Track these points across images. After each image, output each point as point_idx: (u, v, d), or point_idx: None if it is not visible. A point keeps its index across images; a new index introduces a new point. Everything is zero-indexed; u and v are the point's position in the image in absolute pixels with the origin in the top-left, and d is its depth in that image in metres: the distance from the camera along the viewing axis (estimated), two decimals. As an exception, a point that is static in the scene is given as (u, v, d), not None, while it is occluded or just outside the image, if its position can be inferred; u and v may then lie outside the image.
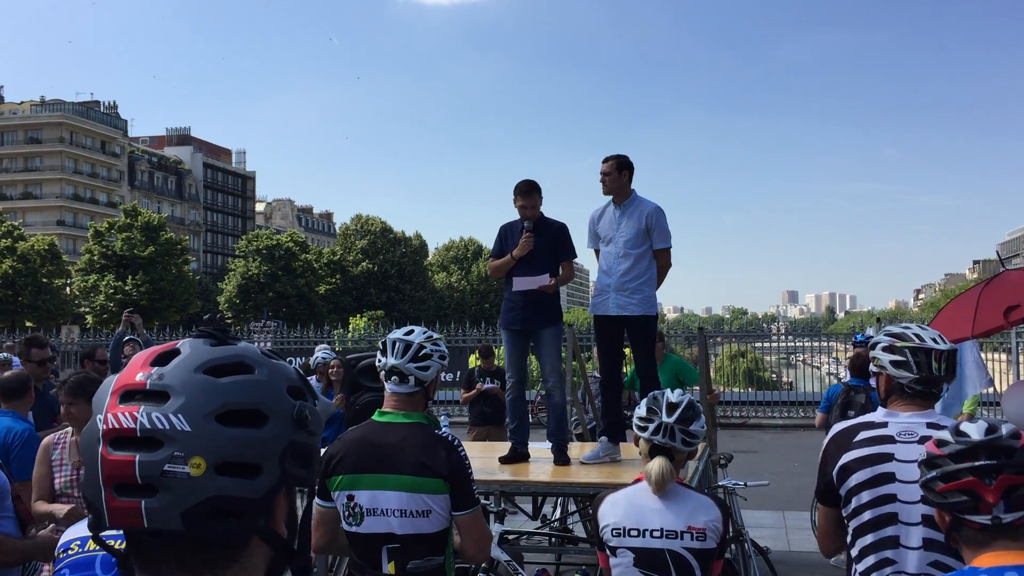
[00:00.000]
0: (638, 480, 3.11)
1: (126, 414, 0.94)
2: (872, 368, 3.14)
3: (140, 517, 0.91)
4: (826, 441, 3.13)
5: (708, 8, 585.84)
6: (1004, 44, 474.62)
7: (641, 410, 3.13)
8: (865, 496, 2.91)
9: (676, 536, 2.94)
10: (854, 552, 2.98)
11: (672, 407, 3.07)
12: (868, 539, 2.91)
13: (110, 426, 0.94)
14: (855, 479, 2.93)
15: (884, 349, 3.04)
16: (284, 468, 0.97)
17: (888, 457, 2.90)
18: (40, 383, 6.47)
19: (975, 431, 2.06)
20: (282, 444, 0.97)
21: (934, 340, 2.97)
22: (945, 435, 2.12)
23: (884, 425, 2.97)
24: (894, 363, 2.99)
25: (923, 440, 2.87)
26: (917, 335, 3.00)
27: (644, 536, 2.96)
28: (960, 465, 2.03)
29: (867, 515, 2.91)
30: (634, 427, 3.16)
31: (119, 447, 0.93)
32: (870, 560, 2.92)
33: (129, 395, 0.95)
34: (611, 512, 3.05)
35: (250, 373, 0.99)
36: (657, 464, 2.99)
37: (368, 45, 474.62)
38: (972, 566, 1.99)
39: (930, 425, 2.91)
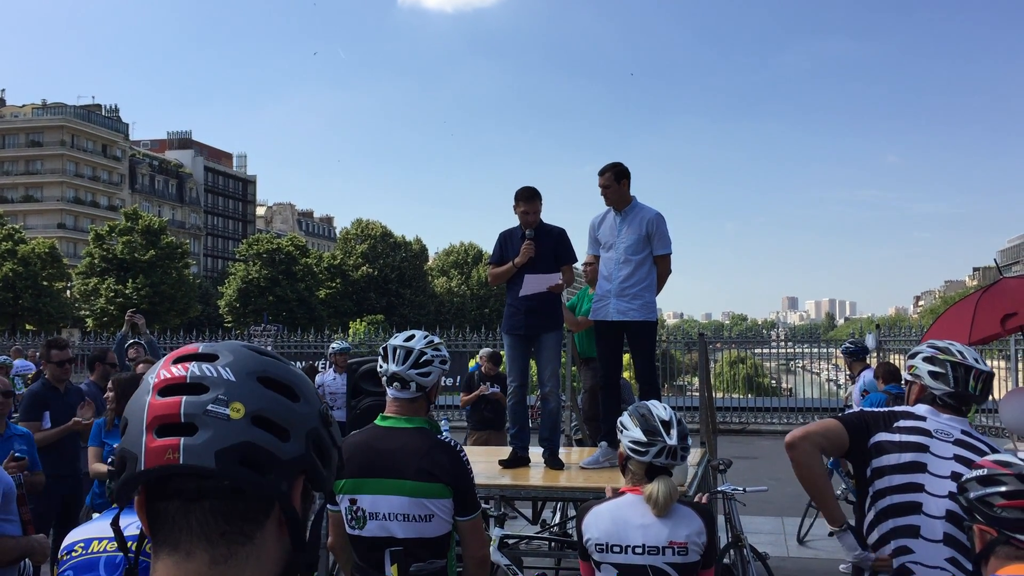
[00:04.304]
0: (622, 492, 3.09)
1: (179, 367, 1.02)
2: (907, 376, 3.25)
3: (177, 453, 0.96)
4: (868, 410, 3.22)
5: (709, 16, 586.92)
6: (1006, 53, 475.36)
7: (635, 432, 3.04)
8: (896, 479, 2.99)
9: (658, 552, 2.94)
10: (872, 539, 3.04)
11: (669, 425, 3.03)
12: (888, 525, 2.99)
13: (161, 378, 1.01)
14: (889, 459, 3.01)
15: (925, 359, 3.16)
16: (308, 450, 1.03)
17: (924, 448, 3.00)
18: (61, 384, 6.56)
19: None
20: (309, 425, 1.04)
21: (975, 360, 3.10)
22: (1008, 457, 2.23)
23: (923, 419, 3.07)
24: (932, 374, 3.11)
25: (957, 442, 2.98)
26: (960, 352, 3.12)
27: (626, 552, 2.96)
28: None
29: (893, 499, 2.98)
30: (625, 449, 3.08)
31: (167, 393, 1.00)
32: (888, 549, 2.99)
33: (182, 358, 1.04)
34: (594, 526, 3.03)
35: (287, 364, 1.09)
36: (663, 487, 2.96)
37: (371, 51, 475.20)
38: (993, 574, 2.05)
39: (964, 432, 3.03)
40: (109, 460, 3.35)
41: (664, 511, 2.97)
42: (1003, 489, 2.13)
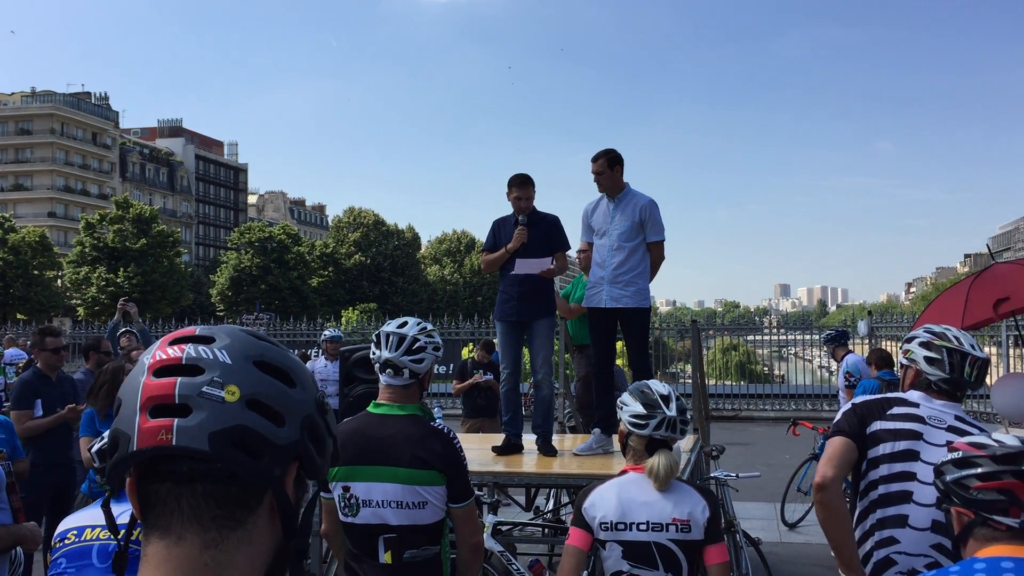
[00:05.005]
0: (623, 472, 3.12)
1: (175, 348, 1.01)
2: (902, 360, 3.23)
3: (171, 434, 0.95)
4: (859, 399, 3.18)
5: (702, 3, 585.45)
6: (998, 39, 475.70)
7: (635, 407, 3.08)
8: (895, 467, 2.98)
9: (661, 529, 2.96)
10: (859, 533, 3.04)
11: (668, 399, 3.07)
12: (875, 516, 2.99)
13: (157, 359, 1.00)
14: (884, 448, 3.00)
15: (921, 344, 3.15)
16: (303, 436, 1.02)
17: (917, 435, 2.99)
18: (53, 373, 6.53)
19: (1012, 441, 2.15)
20: (305, 411, 1.03)
21: (972, 346, 3.09)
22: (983, 439, 2.20)
23: (916, 405, 3.06)
24: (928, 359, 3.10)
25: (950, 428, 2.97)
26: (957, 338, 3.11)
27: (631, 529, 2.98)
28: (1002, 467, 2.10)
29: (887, 487, 2.97)
30: (626, 425, 3.10)
31: (162, 374, 0.99)
32: (871, 541, 2.99)
33: (179, 340, 1.03)
34: (600, 505, 3.05)
35: (285, 350, 1.09)
36: (664, 459, 2.98)
37: (363, 39, 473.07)
38: (973, 556, 2.05)
39: (958, 417, 3.02)
40: (90, 448, 3.34)
41: (665, 484, 2.99)
42: (978, 471, 2.12)
